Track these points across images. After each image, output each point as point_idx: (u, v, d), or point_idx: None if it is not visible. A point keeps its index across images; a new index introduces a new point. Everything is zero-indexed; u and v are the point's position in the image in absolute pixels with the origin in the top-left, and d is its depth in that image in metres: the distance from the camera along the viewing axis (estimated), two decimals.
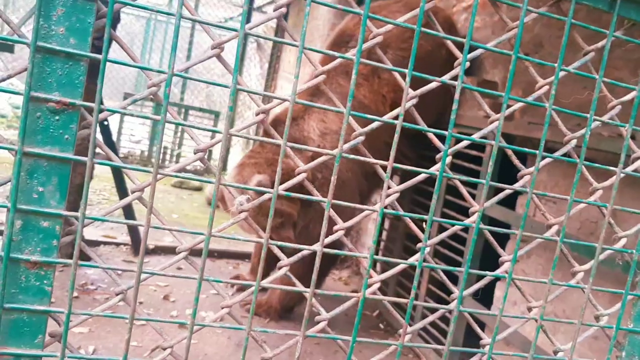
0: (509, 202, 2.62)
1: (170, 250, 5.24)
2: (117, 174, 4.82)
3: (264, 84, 9.55)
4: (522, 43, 3.94)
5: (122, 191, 4.87)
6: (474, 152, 3.80)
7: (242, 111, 12.11)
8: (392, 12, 4.06)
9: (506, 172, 2.33)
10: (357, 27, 3.98)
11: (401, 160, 4.11)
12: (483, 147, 3.80)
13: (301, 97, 4.45)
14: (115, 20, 4.48)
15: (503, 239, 3.74)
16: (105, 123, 4.91)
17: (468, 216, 0.99)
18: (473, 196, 3.51)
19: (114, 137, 7.55)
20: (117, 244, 5.31)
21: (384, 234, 5.08)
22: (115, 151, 5.28)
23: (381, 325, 4.57)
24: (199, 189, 8.35)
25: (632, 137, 2.81)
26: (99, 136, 4.80)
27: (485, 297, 3.52)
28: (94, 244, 5.15)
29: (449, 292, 1.06)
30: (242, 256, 5.58)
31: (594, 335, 1.13)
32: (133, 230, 5.07)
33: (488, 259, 3.47)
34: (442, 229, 4.17)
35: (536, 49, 3.88)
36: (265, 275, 4.62)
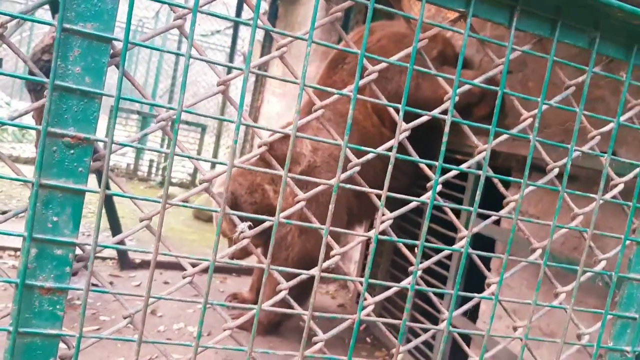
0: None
1: (157, 265, 5.23)
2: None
3: (250, 97, 9.61)
4: None
5: (110, 209, 4.88)
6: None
7: (229, 124, 12.13)
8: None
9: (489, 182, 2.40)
10: (357, 44, 4.04)
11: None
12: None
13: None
14: None
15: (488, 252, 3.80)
16: None
17: (450, 227, 1.05)
18: (458, 213, 3.58)
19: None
20: (103, 259, 5.30)
21: (370, 248, 5.11)
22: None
23: (368, 340, 4.61)
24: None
25: (613, 154, 2.90)
26: None
27: (471, 309, 3.58)
28: (81, 259, 5.13)
29: (432, 305, 1.11)
30: (229, 270, 5.59)
31: (578, 349, 1.19)
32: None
33: (471, 272, 3.53)
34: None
35: (520, 67, 3.98)
36: (258, 291, 4.63)
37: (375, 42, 4.06)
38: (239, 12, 9.82)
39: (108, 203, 4.86)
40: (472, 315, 3.73)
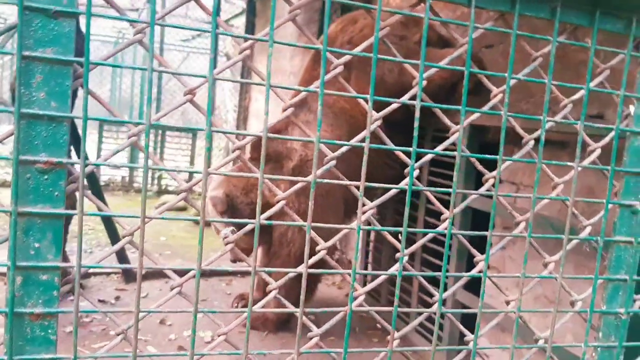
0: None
1: (161, 275, 5.25)
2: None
3: (237, 96, 9.59)
4: (485, 36, 4.03)
5: (109, 224, 4.89)
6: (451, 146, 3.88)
7: (218, 127, 12.08)
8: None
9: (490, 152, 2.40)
10: (340, 34, 4.05)
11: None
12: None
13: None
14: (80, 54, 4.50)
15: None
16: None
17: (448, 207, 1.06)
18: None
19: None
20: (108, 274, 5.32)
21: (372, 235, 5.16)
22: (96, 180, 5.30)
23: (378, 326, 4.64)
24: (183, 209, 8.33)
25: (601, 117, 2.91)
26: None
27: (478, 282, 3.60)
28: (84, 276, 5.16)
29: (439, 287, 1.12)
30: (234, 273, 5.61)
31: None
32: (123, 259, 5.08)
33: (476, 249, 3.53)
34: (426, 228, 4.27)
35: (500, 39, 3.98)
36: (265, 290, 4.65)
37: (358, 31, 4.05)
38: (217, 13, 9.78)
39: (107, 219, 4.87)
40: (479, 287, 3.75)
